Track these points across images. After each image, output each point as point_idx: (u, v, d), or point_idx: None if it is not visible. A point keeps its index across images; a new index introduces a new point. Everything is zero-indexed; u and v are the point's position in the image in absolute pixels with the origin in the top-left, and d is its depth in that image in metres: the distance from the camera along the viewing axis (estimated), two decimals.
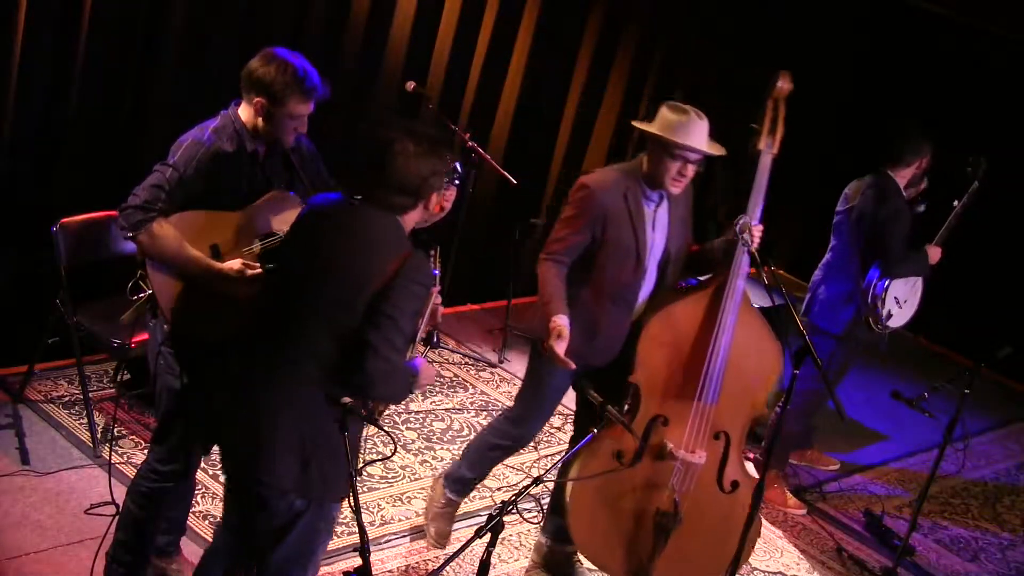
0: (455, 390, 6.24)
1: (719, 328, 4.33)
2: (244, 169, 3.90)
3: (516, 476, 5.54)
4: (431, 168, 3.42)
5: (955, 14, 7.56)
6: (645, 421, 4.42)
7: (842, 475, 6.28)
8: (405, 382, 3.47)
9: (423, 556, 4.85)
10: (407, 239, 3.45)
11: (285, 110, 3.85)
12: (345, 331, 3.32)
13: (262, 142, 3.94)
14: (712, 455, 4.46)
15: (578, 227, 4.40)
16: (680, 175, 4.34)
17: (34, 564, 4.29)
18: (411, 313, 3.38)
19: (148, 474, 4.06)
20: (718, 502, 4.49)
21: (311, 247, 3.48)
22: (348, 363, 3.31)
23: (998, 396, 7.66)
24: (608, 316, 4.47)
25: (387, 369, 3.32)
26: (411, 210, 3.46)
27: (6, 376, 5.36)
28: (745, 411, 4.48)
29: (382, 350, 3.29)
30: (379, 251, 3.37)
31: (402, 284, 3.32)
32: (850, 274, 5.63)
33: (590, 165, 7.67)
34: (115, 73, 5.40)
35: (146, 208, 3.77)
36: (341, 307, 3.34)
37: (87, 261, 5.11)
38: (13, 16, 4.94)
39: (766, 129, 4.45)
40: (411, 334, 3.42)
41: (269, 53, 3.88)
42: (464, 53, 6.73)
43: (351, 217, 3.46)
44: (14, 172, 5.25)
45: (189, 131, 3.90)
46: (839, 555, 5.49)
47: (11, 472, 4.78)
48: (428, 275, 3.45)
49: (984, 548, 5.87)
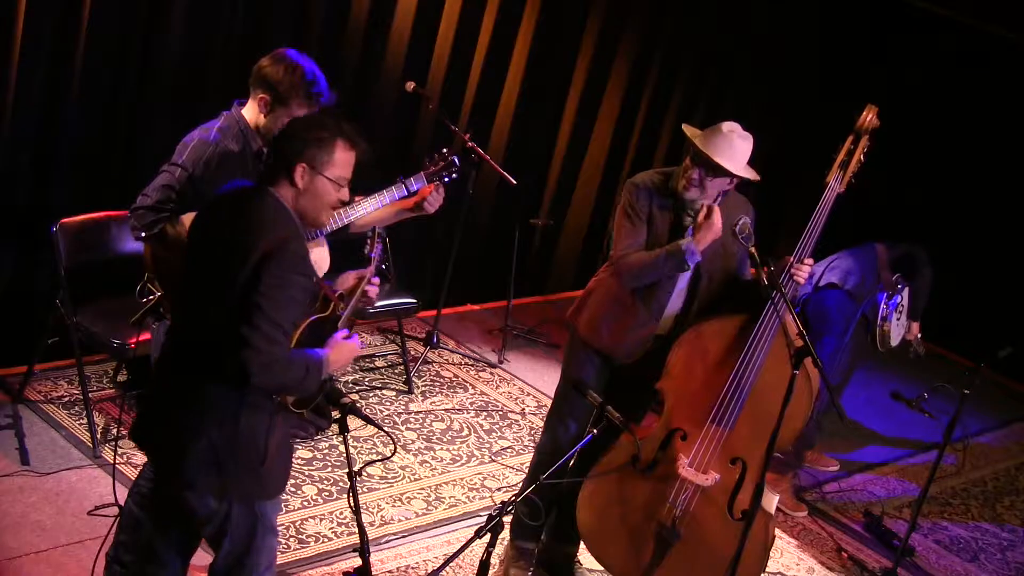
0: (455, 390, 6.24)
1: (744, 358, 4.26)
2: (249, 168, 3.91)
3: (516, 476, 5.54)
4: (306, 134, 3.27)
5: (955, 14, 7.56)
6: (665, 431, 4.41)
7: (842, 475, 6.28)
8: (298, 371, 3.27)
9: (423, 556, 4.85)
10: (289, 222, 3.26)
11: (288, 110, 3.85)
12: (222, 320, 3.19)
13: (265, 141, 3.95)
14: (726, 479, 4.38)
15: (635, 225, 4.40)
16: (692, 181, 4.31)
17: (34, 564, 4.29)
18: (284, 300, 3.20)
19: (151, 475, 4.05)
20: (726, 529, 4.36)
21: (201, 237, 3.37)
22: (225, 355, 3.17)
23: (998, 396, 7.66)
24: (635, 312, 4.47)
25: (264, 361, 3.16)
26: (282, 179, 3.28)
27: (6, 376, 5.36)
28: (765, 443, 4.22)
29: (255, 342, 3.14)
30: (251, 231, 3.21)
31: (272, 271, 3.16)
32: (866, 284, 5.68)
33: (589, 166, 7.67)
34: (115, 73, 5.40)
35: (158, 209, 3.78)
36: (214, 293, 3.23)
37: (87, 261, 5.10)
38: (13, 16, 4.94)
39: (838, 162, 4.34)
40: (290, 322, 3.25)
41: (281, 53, 3.89)
42: (464, 53, 6.73)
43: (238, 199, 3.33)
44: (14, 172, 5.24)
45: (193, 131, 3.91)
46: (839, 555, 5.49)
47: (11, 472, 4.78)
48: (302, 262, 3.25)
49: (984, 548, 5.88)
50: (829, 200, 4.28)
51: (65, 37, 5.15)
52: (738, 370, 4.27)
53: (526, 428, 6.02)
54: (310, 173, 3.27)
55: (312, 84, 3.86)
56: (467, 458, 5.63)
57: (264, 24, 5.77)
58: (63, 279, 5.00)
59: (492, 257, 7.20)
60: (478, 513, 5.18)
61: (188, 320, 3.39)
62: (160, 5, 5.41)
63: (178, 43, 5.51)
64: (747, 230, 4.32)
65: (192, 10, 5.48)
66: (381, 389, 6.07)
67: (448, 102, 6.70)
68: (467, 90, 6.86)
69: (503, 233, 6.91)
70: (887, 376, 7.29)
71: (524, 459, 5.62)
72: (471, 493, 5.35)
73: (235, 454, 3.29)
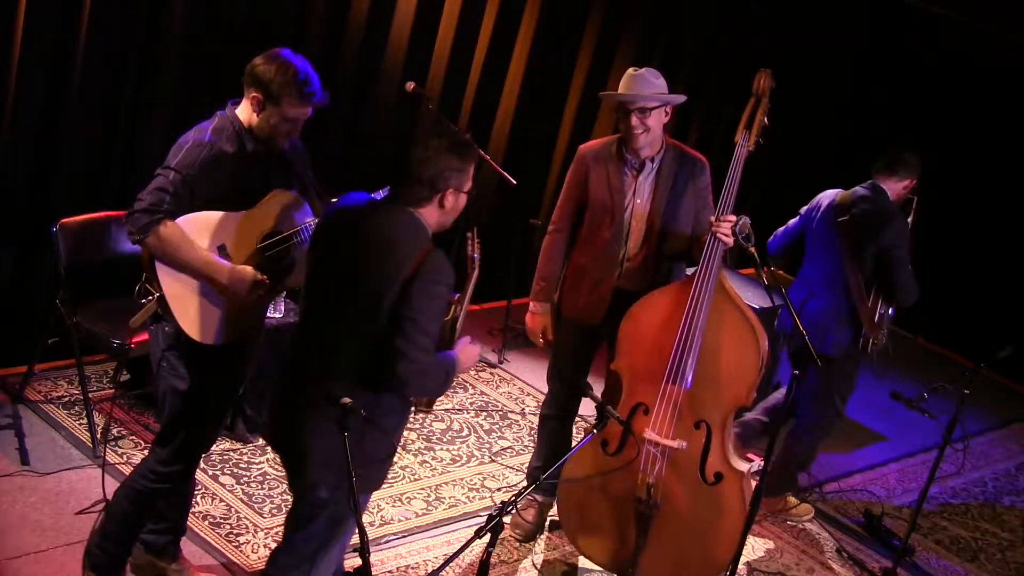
0: (455, 390, 6.24)
1: (687, 314, 4.46)
2: (244, 169, 3.90)
3: (516, 476, 5.54)
4: (448, 163, 3.49)
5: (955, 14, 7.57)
6: (628, 408, 4.57)
7: (842, 475, 6.28)
8: (441, 376, 3.56)
9: (423, 556, 4.85)
10: (427, 238, 3.50)
11: (279, 110, 3.83)
12: (372, 337, 3.41)
13: (259, 141, 3.93)
14: (693, 446, 4.52)
15: (568, 191, 4.89)
16: (633, 128, 4.65)
17: (34, 564, 4.29)
18: (434, 313, 3.46)
19: (147, 473, 4.06)
20: (702, 494, 4.53)
21: (333, 252, 3.56)
22: (380, 369, 3.41)
23: (998, 396, 7.66)
24: (593, 270, 4.83)
25: (417, 370, 3.43)
26: (427, 203, 3.50)
27: (6, 376, 5.36)
28: (726, 401, 4.53)
29: (410, 354, 3.38)
30: (396, 251, 3.43)
31: (422, 287, 3.40)
32: (840, 289, 5.36)
33: None
34: (115, 73, 5.40)
35: (152, 211, 3.76)
36: (365, 315, 3.43)
37: (87, 261, 5.11)
38: (13, 16, 4.94)
39: (743, 123, 4.61)
40: (436, 330, 3.51)
41: (274, 52, 3.88)
42: (464, 53, 6.73)
43: (372, 217, 3.52)
44: (14, 172, 5.25)
45: (187, 133, 3.90)
46: (839, 555, 5.50)
47: (11, 472, 4.78)
48: (447, 274, 3.49)
49: (984, 548, 5.88)
50: (740, 157, 4.55)
51: (65, 37, 5.15)
52: (683, 328, 4.47)
53: (526, 428, 6.02)
54: (455, 195, 3.54)
55: (304, 84, 3.84)
56: (467, 458, 5.64)
57: (264, 24, 5.77)
58: (63, 279, 5.00)
59: (492, 257, 7.18)
60: (478, 513, 5.18)
61: (324, 331, 3.54)
62: (160, 5, 5.41)
63: (178, 43, 5.51)
64: (747, 230, 4.43)
65: (192, 10, 5.48)
66: None
67: (448, 102, 6.70)
68: (467, 90, 6.86)
69: (503, 233, 6.91)
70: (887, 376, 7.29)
71: (524, 459, 5.62)
72: (471, 493, 5.36)
73: (363, 453, 3.45)
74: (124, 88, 5.46)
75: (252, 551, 4.65)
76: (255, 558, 4.61)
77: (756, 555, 5.32)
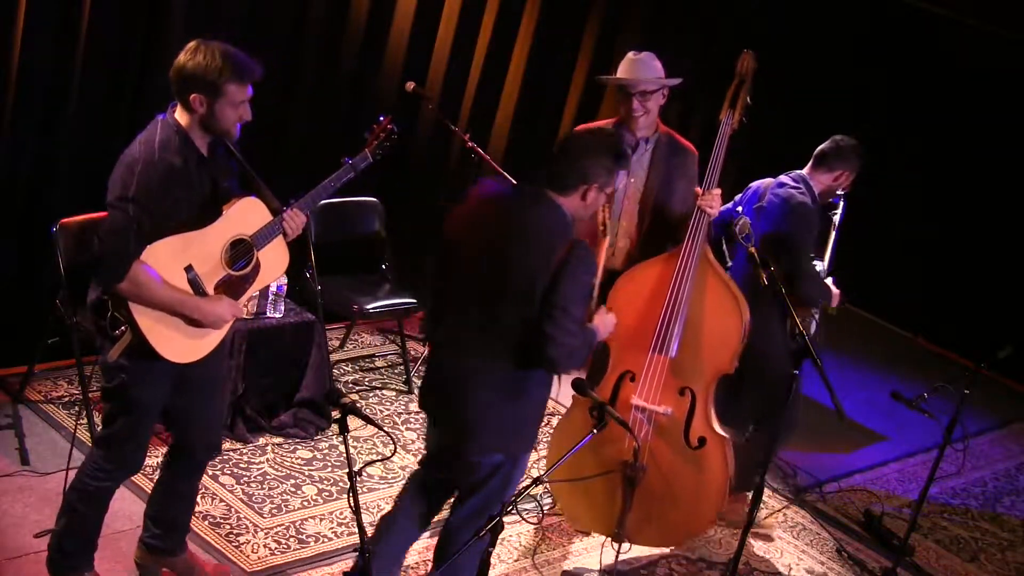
0: None
1: (674, 285, 4.62)
2: (194, 178, 3.77)
3: None
4: (604, 161, 3.80)
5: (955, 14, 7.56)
6: (615, 377, 4.71)
7: (842, 475, 6.28)
8: (586, 351, 3.92)
9: (423, 556, 4.85)
10: (571, 228, 3.79)
11: (226, 99, 3.70)
12: (526, 317, 3.72)
13: (204, 143, 3.81)
14: (678, 410, 4.70)
15: None
16: (633, 111, 4.85)
17: (34, 564, 4.29)
18: (580, 298, 3.77)
19: (96, 473, 4.05)
20: (686, 458, 4.71)
21: (482, 239, 3.83)
22: (533, 353, 3.74)
23: (998, 396, 7.66)
24: None
25: (568, 352, 3.76)
26: (572, 191, 3.79)
27: (6, 376, 5.37)
28: (709, 368, 4.70)
29: (560, 338, 3.71)
30: (545, 240, 3.73)
31: (569, 274, 3.69)
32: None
33: None
34: (115, 73, 5.40)
35: (119, 257, 3.62)
36: (522, 299, 3.72)
37: (87, 261, 5.10)
38: (13, 16, 4.94)
39: (727, 103, 4.79)
40: (583, 313, 3.83)
41: (192, 45, 3.73)
42: (464, 53, 6.73)
43: (521, 206, 3.83)
44: (14, 172, 5.25)
45: (130, 149, 3.72)
46: (839, 555, 5.49)
47: (11, 472, 4.78)
48: (592, 264, 3.84)
49: (984, 548, 5.88)
50: (724, 135, 4.73)
51: (65, 37, 5.16)
52: (669, 299, 4.62)
53: None
54: (597, 193, 3.84)
55: (237, 62, 3.64)
56: None
57: (264, 24, 5.78)
58: (63, 279, 5.00)
59: None
60: None
61: (479, 313, 3.82)
62: (160, 6, 5.41)
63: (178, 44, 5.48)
64: (747, 230, 4.50)
65: (192, 11, 5.48)
66: (381, 389, 6.07)
67: (448, 102, 6.70)
68: (467, 90, 6.86)
69: None
70: (887, 376, 7.29)
71: None
72: None
73: (524, 421, 3.95)
74: (124, 88, 5.46)
75: (252, 551, 4.65)
76: (255, 558, 4.61)
77: (756, 555, 5.32)
